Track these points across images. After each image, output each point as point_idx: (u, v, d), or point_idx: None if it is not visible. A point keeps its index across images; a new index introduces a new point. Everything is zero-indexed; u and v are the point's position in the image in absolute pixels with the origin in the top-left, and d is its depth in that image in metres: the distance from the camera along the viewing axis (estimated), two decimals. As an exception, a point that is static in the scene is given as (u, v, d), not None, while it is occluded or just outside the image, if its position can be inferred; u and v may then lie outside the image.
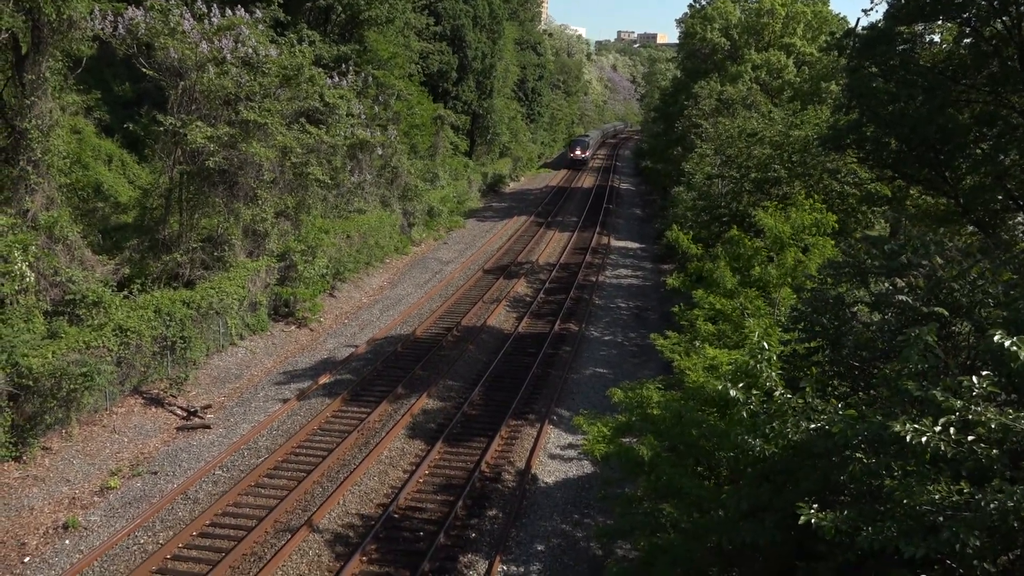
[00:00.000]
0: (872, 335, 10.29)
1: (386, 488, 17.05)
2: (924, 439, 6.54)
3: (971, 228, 23.60)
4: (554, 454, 19.10)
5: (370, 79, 34.88)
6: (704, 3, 62.37)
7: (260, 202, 24.85)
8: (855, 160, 26.35)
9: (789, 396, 8.62)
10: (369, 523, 15.48)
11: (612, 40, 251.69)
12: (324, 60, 33.97)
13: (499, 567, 14.37)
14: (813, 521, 6.94)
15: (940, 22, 22.71)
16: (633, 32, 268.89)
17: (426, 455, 18.37)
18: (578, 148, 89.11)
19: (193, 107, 22.95)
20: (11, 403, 16.25)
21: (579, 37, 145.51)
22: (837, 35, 28.67)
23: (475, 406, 21.60)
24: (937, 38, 24.54)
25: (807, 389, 8.49)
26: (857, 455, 7.47)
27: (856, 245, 12.58)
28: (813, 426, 7.75)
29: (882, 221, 28.59)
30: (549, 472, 18.23)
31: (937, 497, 6.50)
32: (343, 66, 33.11)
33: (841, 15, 56.04)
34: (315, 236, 28.15)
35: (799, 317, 11.21)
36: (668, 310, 26.13)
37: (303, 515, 15.61)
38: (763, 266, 18.97)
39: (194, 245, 23.54)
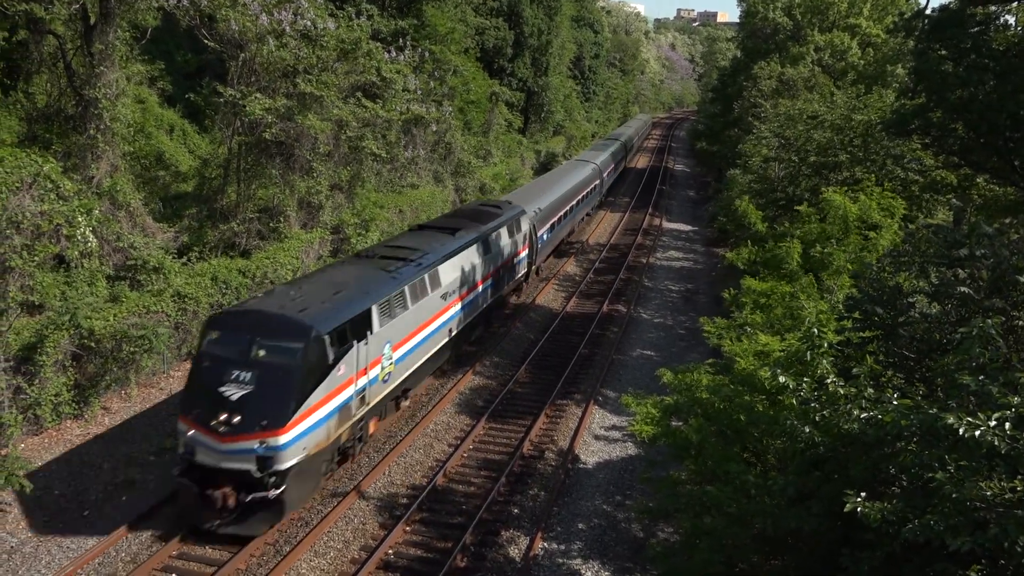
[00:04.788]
0: (930, 327, 10.05)
1: (431, 461, 17.27)
2: (978, 433, 6.40)
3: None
4: (598, 435, 19.11)
5: (426, 54, 34.89)
6: (768, -19, 60.80)
7: (315, 174, 25.14)
8: (920, 146, 25.58)
9: (841, 384, 8.49)
10: (413, 494, 15.71)
11: (671, 18, 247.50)
12: (382, 34, 34.08)
13: (540, 543, 14.48)
14: (859, 510, 6.86)
15: (1016, 4, 21.81)
16: (693, 10, 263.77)
17: (471, 430, 18.54)
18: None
19: (252, 79, 23.27)
20: (74, 363, 16.86)
21: (637, 15, 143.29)
22: (906, 16, 27.69)
23: (521, 383, 21.69)
24: (1012, 20, 23.57)
25: (860, 378, 8.33)
26: (909, 447, 7.34)
27: (918, 233, 12.26)
28: (865, 415, 7.62)
29: (945, 209, 27.73)
30: (592, 452, 18.26)
31: (988, 493, 6.37)
32: (400, 40, 33.17)
33: (911, -5, 54.11)
34: (369, 210, 28.42)
35: (855, 305, 11.00)
36: (719, 293, 25.84)
37: (350, 483, 15.90)
38: (827, 247, 18.66)
39: (250, 215, 23.96)
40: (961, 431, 6.42)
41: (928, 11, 23.32)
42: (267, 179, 24.52)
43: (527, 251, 27.34)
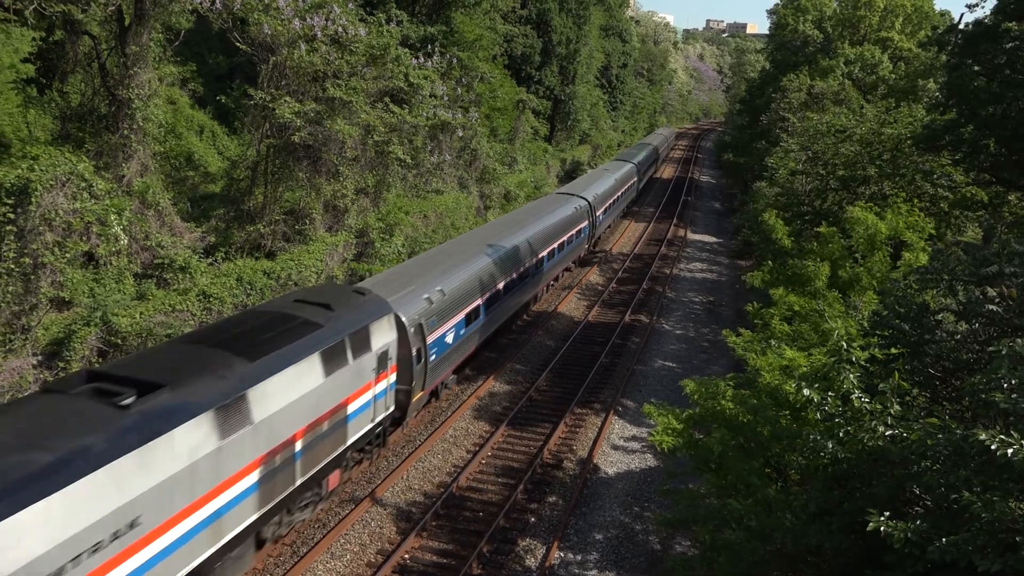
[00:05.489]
0: (957, 345, 9.92)
1: (448, 467, 17.27)
2: (1011, 451, 6.29)
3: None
4: (617, 445, 19.02)
5: (455, 61, 35.04)
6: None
7: (341, 178, 25.30)
8: (950, 162, 25.29)
9: (867, 401, 8.38)
10: (431, 500, 15.72)
11: (700, 29, 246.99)
12: (411, 40, 34.28)
13: (556, 552, 14.43)
14: (882, 529, 6.76)
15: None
16: (722, 21, 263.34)
17: (489, 437, 18.52)
18: None
19: (282, 82, 23.48)
20: (100, 359, 17.05)
21: (666, 25, 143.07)
22: (939, 30, 27.44)
23: (541, 391, 21.65)
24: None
25: (887, 394, 8.22)
26: (935, 466, 7.23)
27: (947, 250, 12.10)
28: (890, 432, 7.52)
29: (975, 227, 27.36)
30: (611, 463, 18.17)
31: (1019, 513, 6.25)
32: (429, 47, 33.36)
33: (943, 10, 53.63)
34: (394, 214, 28.55)
35: (881, 322, 10.87)
36: (742, 307, 25.65)
37: (367, 487, 15.94)
38: (852, 268, 18.48)
39: (277, 217, 24.15)
40: (993, 447, 6.32)
41: (962, 26, 23.05)
42: (294, 182, 24.72)
43: (387, 380, 15.55)
